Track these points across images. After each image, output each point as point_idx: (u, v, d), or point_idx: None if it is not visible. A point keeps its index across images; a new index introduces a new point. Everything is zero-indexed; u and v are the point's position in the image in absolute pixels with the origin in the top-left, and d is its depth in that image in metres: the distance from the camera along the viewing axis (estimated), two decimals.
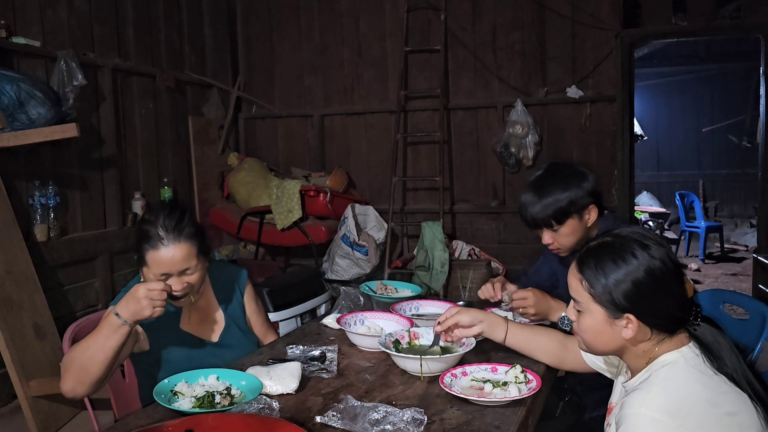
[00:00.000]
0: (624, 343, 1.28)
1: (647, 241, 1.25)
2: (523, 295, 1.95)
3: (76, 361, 1.59)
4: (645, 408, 1.15)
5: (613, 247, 1.27)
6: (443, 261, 4.50)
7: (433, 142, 5.18)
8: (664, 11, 4.85)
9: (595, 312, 1.29)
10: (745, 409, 1.17)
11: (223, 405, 1.47)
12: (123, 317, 1.57)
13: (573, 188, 1.91)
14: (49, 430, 3.12)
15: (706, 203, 9.38)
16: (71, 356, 1.60)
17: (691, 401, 1.15)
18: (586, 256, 1.31)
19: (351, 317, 2.09)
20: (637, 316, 1.24)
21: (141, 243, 1.73)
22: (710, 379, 1.18)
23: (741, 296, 2.28)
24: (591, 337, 1.33)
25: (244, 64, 5.73)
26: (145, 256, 1.72)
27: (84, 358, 1.58)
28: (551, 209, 1.92)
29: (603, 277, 1.26)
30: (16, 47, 3.54)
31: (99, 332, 1.58)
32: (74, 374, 1.59)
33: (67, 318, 3.66)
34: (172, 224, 1.72)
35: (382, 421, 1.35)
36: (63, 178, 3.88)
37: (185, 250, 1.72)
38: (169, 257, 1.70)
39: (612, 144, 4.90)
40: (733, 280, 6.52)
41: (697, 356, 1.22)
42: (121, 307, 1.58)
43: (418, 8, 5.22)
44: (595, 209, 1.94)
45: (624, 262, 1.24)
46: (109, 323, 1.58)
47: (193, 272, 1.76)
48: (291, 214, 4.72)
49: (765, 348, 2.02)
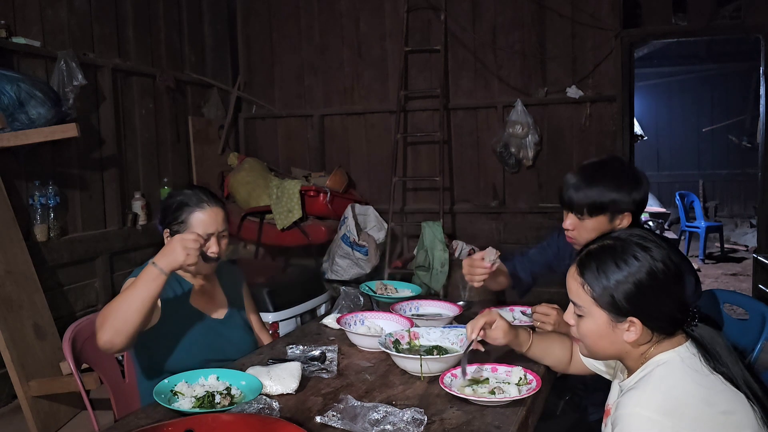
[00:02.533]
0: (625, 346, 1.27)
1: (648, 243, 1.25)
2: (546, 311, 1.93)
3: (114, 312, 1.64)
4: (640, 408, 1.14)
5: (614, 249, 1.26)
6: (443, 261, 4.50)
7: (433, 142, 5.18)
8: (664, 11, 4.85)
9: (596, 316, 1.27)
10: (741, 409, 1.16)
11: (223, 405, 1.47)
12: (159, 266, 1.66)
13: (622, 190, 1.85)
14: (49, 430, 3.12)
15: (706, 203, 9.38)
16: (109, 309, 1.67)
17: (686, 400, 1.15)
18: (586, 259, 1.29)
19: (351, 317, 2.09)
20: (641, 319, 1.23)
21: (182, 209, 1.89)
22: (706, 378, 1.18)
23: (741, 296, 2.28)
24: (591, 342, 1.32)
25: (244, 64, 5.73)
26: (190, 218, 1.88)
27: (123, 308, 1.64)
28: (590, 199, 1.86)
29: (605, 279, 1.24)
30: (16, 47, 3.54)
31: (137, 284, 1.66)
32: (112, 325, 1.63)
33: (67, 318, 3.66)
34: (207, 192, 1.95)
35: (382, 421, 1.35)
36: (63, 178, 3.88)
37: (222, 213, 1.94)
38: (213, 216, 1.90)
39: (612, 144, 4.90)
40: (733, 280, 6.52)
41: (693, 355, 1.22)
42: (159, 257, 1.68)
43: (418, 8, 5.22)
44: (629, 218, 1.88)
45: (626, 265, 1.23)
46: (147, 273, 1.66)
47: (225, 236, 1.95)
48: (291, 214, 4.72)
49: (765, 348, 2.01)
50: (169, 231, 1.92)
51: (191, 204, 1.90)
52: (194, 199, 1.91)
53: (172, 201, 1.93)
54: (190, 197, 1.91)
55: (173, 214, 1.91)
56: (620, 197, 1.85)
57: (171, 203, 1.93)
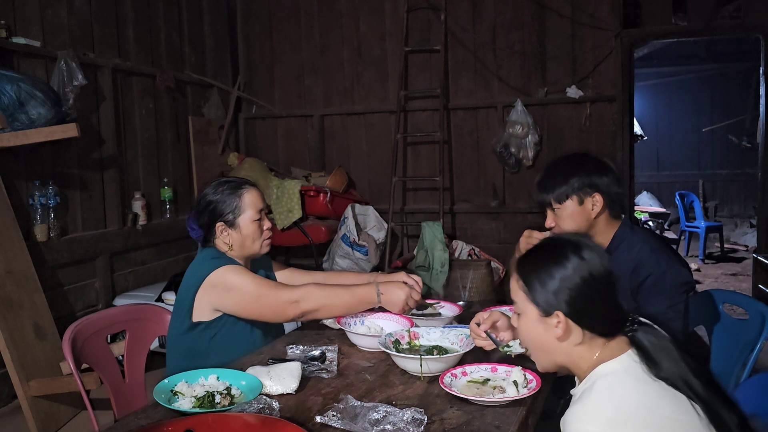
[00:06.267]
0: (558, 346, 1.28)
1: (581, 245, 1.29)
2: None
3: (327, 301, 1.95)
4: (583, 424, 1.14)
5: (548, 248, 1.33)
6: (443, 261, 4.49)
7: (433, 142, 5.18)
8: (664, 11, 4.85)
9: (528, 311, 1.31)
10: (685, 410, 1.16)
11: (223, 405, 1.47)
12: (380, 301, 1.98)
13: (581, 172, 1.93)
14: (49, 430, 3.12)
15: (706, 203, 9.38)
16: (325, 295, 1.95)
17: (629, 410, 1.14)
18: (524, 257, 1.36)
19: (351, 317, 2.09)
20: (565, 314, 1.25)
21: (230, 198, 2.00)
22: (649, 386, 1.18)
23: (740, 296, 2.27)
24: (527, 340, 1.36)
25: (244, 64, 5.73)
26: (241, 202, 2.01)
27: (335, 304, 1.97)
28: (554, 187, 1.95)
29: (534, 273, 1.29)
30: (16, 47, 3.54)
31: (357, 297, 1.98)
32: (318, 308, 1.94)
33: (67, 318, 3.66)
34: (235, 178, 2.10)
35: (382, 421, 1.35)
36: (63, 178, 3.88)
37: (259, 191, 2.10)
38: (257, 194, 2.06)
39: (612, 144, 4.90)
40: (733, 280, 6.52)
41: (636, 363, 1.22)
42: (384, 293, 1.97)
43: (418, 8, 5.22)
44: (599, 200, 1.93)
45: (556, 262, 1.27)
46: (370, 298, 1.98)
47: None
48: (291, 214, 4.72)
49: (765, 348, 2.01)
50: (224, 223, 2.01)
51: (236, 190, 2.02)
52: (234, 185, 2.03)
53: (215, 196, 2.02)
54: (230, 185, 2.03)
55: (222, 206, 2.00)
56: (581, 178, 1.93)
57: (215, 199, 2.01)
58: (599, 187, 1.93)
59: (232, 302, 1.93)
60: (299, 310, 1.91)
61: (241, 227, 2.01)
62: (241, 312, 1.95)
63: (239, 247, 2.03)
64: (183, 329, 1.95)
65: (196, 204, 2.07)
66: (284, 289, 1.96)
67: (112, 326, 2.14)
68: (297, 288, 1.96)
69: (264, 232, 2.07)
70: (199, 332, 1.94)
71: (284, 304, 1.91)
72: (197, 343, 1.94)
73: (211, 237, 2.03)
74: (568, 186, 1.93)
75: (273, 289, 1.93)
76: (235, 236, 2.01)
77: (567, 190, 1.93)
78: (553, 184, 1.96)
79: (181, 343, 1.96)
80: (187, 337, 1.95)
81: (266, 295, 1.91)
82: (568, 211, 1.94)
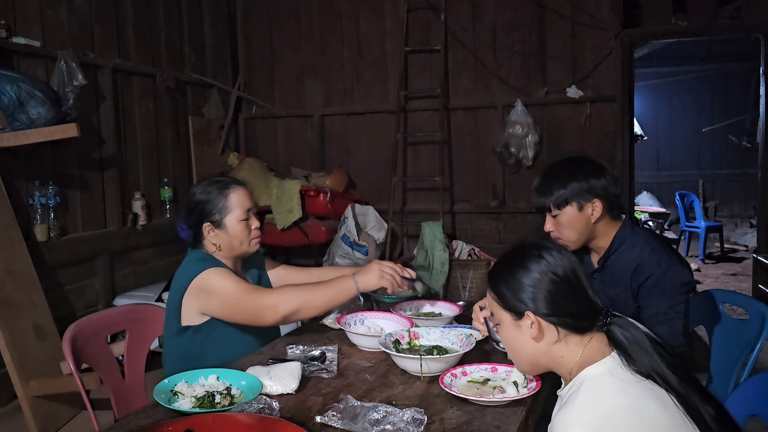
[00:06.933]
0: (537, 347, 1.30)
1: (543, 246, 1.31)
2: None
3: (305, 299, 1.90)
4: (571, 429, 1.14)
5: (514, 253, 1.35)
6: (443, 261, 4.49)
7: (433, 142, 5.18)
8: (664, 11, 4.85)
9: (504, 319, 1.33)
10: (670, 410, 1.16)
11: (223, 405, 1.47)
12: (359, 286, 1.93)
13: (579, 177, 1.92)
14: (49, 430, 3.12)
15: (706, 203, 9.37)
16: (302, 294, 1.91)
17: (616, 413, 1.14)
18: (495, 265, 1.38)
19: (351, 317, 2.09)
20: (535, 313, 1.27)
21: (216, 197, 1.99)
22: (633, 387, 1.18)
23: (740, 296, 2.27)
24: (508, 348, 1.37)
25: (244, 64, 5.73)
26: (227, 202, 1.99)
27: (316, 300, 1.91)
28: (553, 194, 1.93)
29: (503, 281, 1.32)
30: (16, 47, 3.54)
31: (336, 290, 1.92)
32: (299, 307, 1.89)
33: (67, 318, 3.65)
34: (223, 178, 2.09)
35: (382, 421, 1.35)
36: (63, 178, 3.88)
37: (247, 190, 2.07)
38: (244, 193, 2.03)
39: (612, 144, 4.90)
40: (733, 280, 6.52)
41: (620, 366, 1.22)
42: (360, 276, 1.93)
43: (418, 8, 5.22)
44: (599, 206, 1.92)
45: (520, 266, 1.30)
46: (347, 286, 1.93)
47: (255, 213, 2.08)
48: (291, 214, 4.72)
49: (765, 348, 2.01)
50: (211, 223, 1.99)
51: (223, 190, 2.00)
52: (221, 185, 2.02)
53: (202, 196, 2.00)
54: (217, 185, 2.02)
55: (209, 206, 1.99)
56: (579, 184, 1.92)
57: (201, 198, 2.00)
58: (598, 191, 1.91)
59: (215, 306, 1.91)
60: (279, 315, 1.87)
61: (228, 227, 1.99)
62: (225, 316, 1.92)
63: (227, 247, 2.01)
64: (174, 333, 1.95)
65: (186, 203, 2.05)
66: (262, 294, 1.91)
67: (112, 326, 2.14)
68: (273, 292, 1.94)
69: (252, 231, 2.03)
70: (189, 336, 1.93)
71: (262, 309, 1.87)
72: (190, 346, 1.93)
73: (200, 237, 2.02)
74: (567, 190, 1.92)
75: (251, 294, 1.89)
76: (223, 236, 1.99)
77: (566, 195, 1.92)
78: (551, 188, 1.94)
79: (175, 346, 1.96)
80: (179, 340, 1.94)
81: (245, 300, 1.88)
82: (568, 217, 1.93)
